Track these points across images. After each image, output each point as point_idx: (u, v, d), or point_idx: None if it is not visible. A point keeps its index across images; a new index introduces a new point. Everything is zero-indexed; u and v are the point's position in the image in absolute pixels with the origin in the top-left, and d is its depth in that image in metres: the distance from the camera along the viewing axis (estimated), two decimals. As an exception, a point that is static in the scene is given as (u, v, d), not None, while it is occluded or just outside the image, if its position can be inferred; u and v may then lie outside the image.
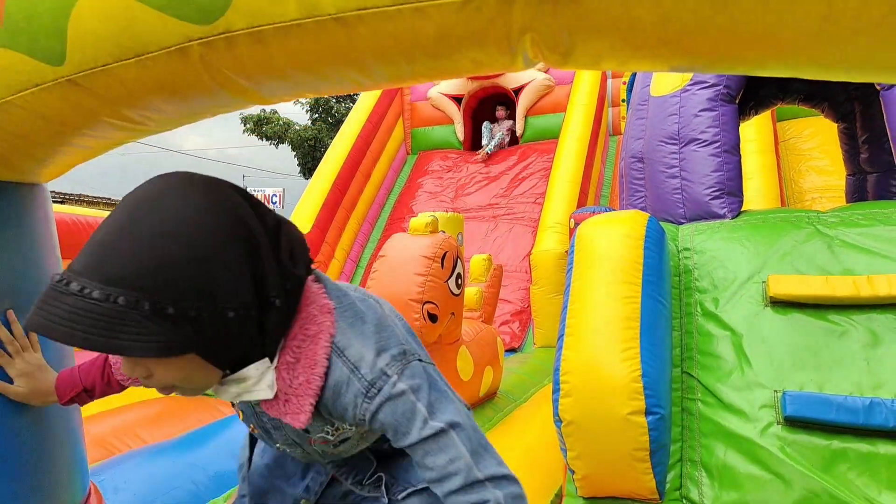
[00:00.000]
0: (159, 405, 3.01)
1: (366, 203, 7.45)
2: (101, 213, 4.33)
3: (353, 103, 10.72)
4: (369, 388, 0.88)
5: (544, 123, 7.88)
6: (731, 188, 2.55)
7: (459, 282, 2.75)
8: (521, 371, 4.13)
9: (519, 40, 0.78)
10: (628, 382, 1.86)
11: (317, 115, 23.82)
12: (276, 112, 23.75)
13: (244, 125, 23.27)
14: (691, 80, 2.67)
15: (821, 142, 5.88)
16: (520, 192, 7.34)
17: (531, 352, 5.29)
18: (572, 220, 4.41)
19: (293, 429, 1.01)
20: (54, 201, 1.59)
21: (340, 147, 7.15)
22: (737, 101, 2.67)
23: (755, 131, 5.03)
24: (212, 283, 0.75)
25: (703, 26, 0.71)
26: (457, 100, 8.26)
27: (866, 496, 1.75)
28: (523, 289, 6.13)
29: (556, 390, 1.97)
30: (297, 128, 23.43)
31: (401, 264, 2.62)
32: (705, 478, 1.95)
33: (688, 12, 0.70)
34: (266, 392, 0.89)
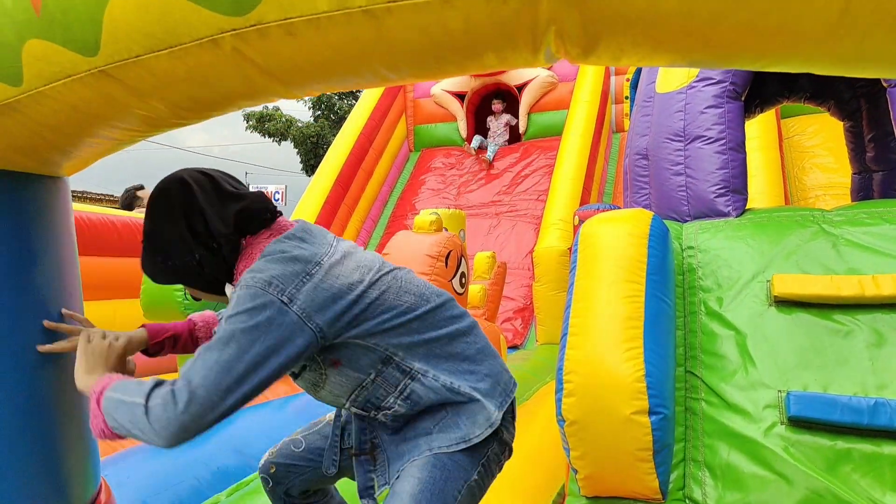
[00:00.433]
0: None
1: (368, 200, 7.44)
2: (106, 211, 4.33)
3: (356, 100, 10.71)
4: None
5: (547, 120, 7.85)
6: (737, 185, 2.54)
7: (463, 281, 2.75)
8: (523, 368, 4.12)
9: (544, 33, 0.79)
10: (632, 382, 1.85)
11: (319, 112, 23.78)
12: (278, 109, 23.68)
13: (247, 122, 23.21)
14: (697, 76, 2.65)
15: (824, 139, 5.86)
16: (522, 189, 7.33)
17: (534, 349, 5.29)
18: (577, 216, 4.38)
19: (310, 371, 1.33)
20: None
21: (343, 144, 7.15)
22: (743, 98, 2.65)
23: (759, 128, 5.00)
24: (166, 245, 1.28)
25: (725, 19, 0.73)
26: (460, 97, 8.23)
27: (871, 497, 1.74)
28: (526, 286, 6.12)
29: (559, 389, 1.97)
30: (300, 125, 23.37)
31: (404, 263, 2.61)
32: (708, 478, 1.95)
33: (711, 4, 0.71)
34: None
